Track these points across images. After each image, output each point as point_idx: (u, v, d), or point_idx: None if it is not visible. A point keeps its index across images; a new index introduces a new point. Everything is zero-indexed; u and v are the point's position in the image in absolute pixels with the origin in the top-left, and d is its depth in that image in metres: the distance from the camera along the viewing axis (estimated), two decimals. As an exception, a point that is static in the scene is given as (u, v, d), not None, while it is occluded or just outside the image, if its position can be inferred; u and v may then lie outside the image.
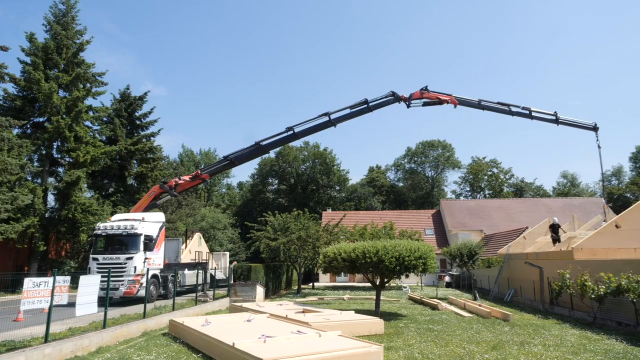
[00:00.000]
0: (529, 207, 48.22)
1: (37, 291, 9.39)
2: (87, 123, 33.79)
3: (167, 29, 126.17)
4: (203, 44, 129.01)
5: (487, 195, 67.73)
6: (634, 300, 12.50)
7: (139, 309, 15.47)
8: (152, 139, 39.05)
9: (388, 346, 10.72)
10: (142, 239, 19.34)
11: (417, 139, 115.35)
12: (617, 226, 18.26)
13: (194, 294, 20.31)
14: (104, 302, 11.94)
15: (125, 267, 18.60)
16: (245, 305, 17.22)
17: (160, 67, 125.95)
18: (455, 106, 26.93)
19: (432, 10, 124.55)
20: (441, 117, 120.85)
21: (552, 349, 10.55)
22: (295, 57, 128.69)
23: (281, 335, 9.90)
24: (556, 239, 22.03)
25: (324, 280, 43.67)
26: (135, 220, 20.20)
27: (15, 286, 21.83)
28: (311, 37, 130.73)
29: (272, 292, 28.88)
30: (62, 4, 32.73)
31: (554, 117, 26.64)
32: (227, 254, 34.57)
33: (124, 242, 19.27)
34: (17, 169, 24.52)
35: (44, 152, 30.74)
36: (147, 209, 24.89)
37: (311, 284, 38.05)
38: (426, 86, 26.87)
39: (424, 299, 22.05)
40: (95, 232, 19.94)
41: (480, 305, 18.25)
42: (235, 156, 26.25)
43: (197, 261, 26.95)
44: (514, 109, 26.78)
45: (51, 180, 32.03)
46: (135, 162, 37.80)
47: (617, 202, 56.37)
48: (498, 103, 26.97)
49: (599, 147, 25.35)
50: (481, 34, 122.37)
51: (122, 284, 18.32)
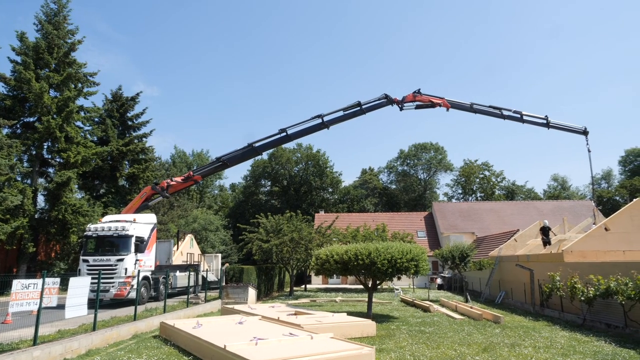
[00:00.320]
0: (520, 210, 48.62)
1: (25, 293, 9.29)
2: (79, 123, 33.55)
3: (160, 29, 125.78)
4: (196, 45, 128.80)
5: (479, 198, 68.14)
6: (623, 303, 12.63)
7: (129, 311, 15.35)
8: (144, 139, 38.85)
9: (380, 348, 10.74)
10: (133, 240, 19.21)
11: (410, 141, 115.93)
12: (606, 229, 18.46)
13: (186, 296, 20.21)
14: (94, 304, 11.83)
15: (116, 269, 18.46)
16: (237, 307, 17.16)
17: (153, 68, 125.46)
18: (448, 109, 27.08)
19: (424, 15, 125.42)
20: (434, 119, 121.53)
21: (542, 350, 10.64)
22: (290, 58, 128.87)
23: (273, 338, 9.87)
24: (547, 242, 22.23)
25: (317, 282, 43.66)
26: (126, 221, 20.07)
27: (3, 288, 21.61)
28: (306, 38, 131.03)
29: (264, 294, 28.80)
30: (54, 3, 32.50)
31: (544, 121, 26.88)
32: (219, 255, 34.41)
33: (115, 244, 19.14)
34: (7, 169, 24.27)
35: (34, 152, 30.43)
36: (139, 210, 24.74)
37: (303, 286, 38.01)
38: (419, 89, 26.99)
39: (415, 301, 22.13)
40: (85, 233, 19.78)
41: (471, 308, 18.34)
42: (228, 158, 26.18)
43: (188, 263, 26.81)
44: (505, 112, 26.97)
45: (41, 180, 31.73)
46: (126, 163, 37.57)
47: (607, 205, 57.01)
48: (490, 106, 27.15)
49: (589, 151, 25.59)
50: (472, 38, 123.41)
51: (113, 286, 18.18)
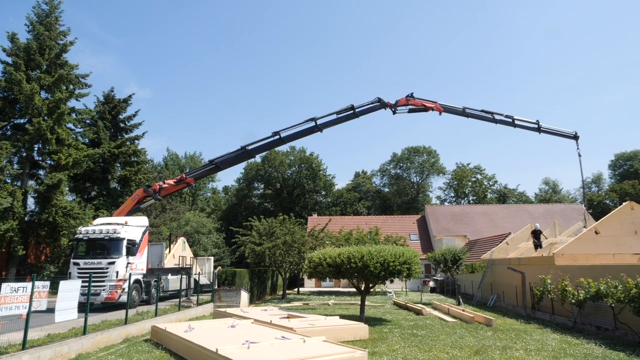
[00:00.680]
0: (512, 213, 48.97)
1: (15, 297, 9.19)
2: (70, 125, 33.26)
3: (153, 31, 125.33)
4: (190, 47, 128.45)
5: (471, 201, 68.55)
6: (612, 305, 12.75)
7: (120, 314, 15.21)
8: (136, 142, 38.60)
9: (372, 351, 10.75)
10: (124, 243, 19.06)
11: (403, 144, 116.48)
12: (596, 232, 18.66)
13: (177, 300, 20.07)
14: (85, 307, 11.72)
15: (107, 272, 18.29)
16: (229, 310, 17.09)
17: (146, 70, 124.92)
18: (441, 113, 27.22)
19: (416, 20, 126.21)
20: (426, 123, 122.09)
21: (533, 353, 10.71)
22: (284, 61, 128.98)
23: (265, 341, 9.84)
24: (538, 245, 22.39)
25: (309, 285, 43.57)
26: (118, 224, 19.89)
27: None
28: (301, 41, 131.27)
29: (256, 298, 28.70)
30: (46, 4, 32.25)
31: (536, 126, 27.12)
32: (212, 258, 34.24)
33: (106, 247, 18.97)
34: (-4, 171, 23.96)
35: (24, 154, 30.07)
36: (131, 213, 24.55)
37: (296, 289, 37.95)
38: (412, 93, 27.11)
39: (408, 304, 22.17)
40: (76, 236, 19.58)
41: (463, 310, 18.43)
42: (221, 160, 26.08)
43: (180, 266, 26.65)
44: (497, 117, 27.17)
45: (31, 183, 31.35)
46: (118, 165, 37.29)
47: (597, 208, 57.62)
48: (482, 111, 27.34)
49: (580, 155, 25.87)
50: (461, 43, 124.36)
51: (104, 289, 18.01)
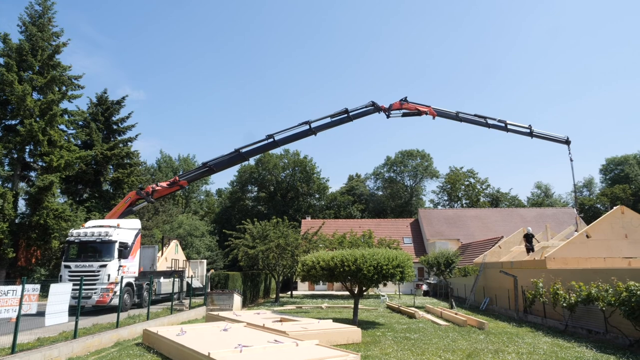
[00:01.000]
0: (504, 217, 49.25)
1: (4, 300, 9.09)
2: (62, 127, 33.06)
3: (146, 32, 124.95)
4: (183, 48, 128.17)
5: (464, 205, 68.86)
6: (603, 309, 12.84)
7: (112, 318, 15.09)
8: (129, 144, 38.48)
9: (365, 355, 10.75)
10: (116, 246, 18.94)
11: (397, 148, 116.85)
12: (587, 236, 18.81)
13: (170, 303, 19.94)
14: (76, 311, 11.61)
15: (98, 275, 18.17)
16: (222, 314, 17.00)
17: (139, 71, 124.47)
18: (434, 117, 27.35)
19: (408, 24, 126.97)
20: (420, 127, 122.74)
21: (525, 356, 10.76)
22: (277, 64, 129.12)
23: (258, 345, 9.81)
24: (530, 249, 22.52)
25: (303, 288, 43.49)
26: (109, 226, 19.77)
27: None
28: (293, 44, 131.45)
29: (249, 301, 28.57)
30: (39, 5, 32.12)
31: (528, 130, 27.32)
32: (205, 261, 34.10)
33: (98, 249, 18.85)
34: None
35: (15, 155, 29.81)
36: (123, 215, 24.41)
37: (289, 292, 37.85)
38: (406, 97, 27.22)
39: (401, 308, 22.19)
40: (67, 238, 19.44)
41: (456, 314, 18.47)
42: (215, 163, 26.02)
43: (173, 269, 26.52)
44: (490, 121, 27.35)
45: (22, 184, 31.09)
46: (111, 167, 37.12)
47: (588, 212, 58.15)
48: (475, 115, 27.50)
49: (571, 160, 26.06)
50: (455, 46, 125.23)
51: (95, 293, 17.88)
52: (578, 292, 14.07)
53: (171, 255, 28.08)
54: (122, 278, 17.93)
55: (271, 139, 25.87)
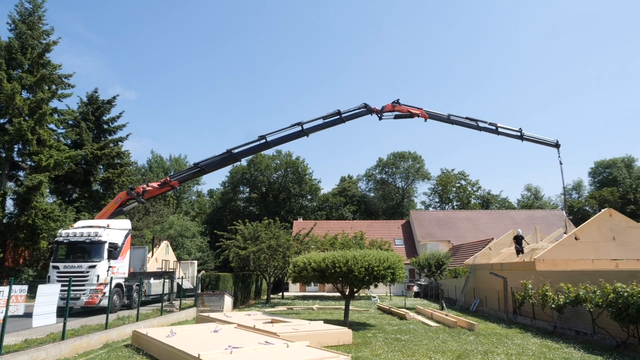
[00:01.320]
0: (495, 219, 49.64)
1: (-9, 301, 8.98)
2: (52, 126, 32.67)
3: (138, 32, 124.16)
4: (175, 48, 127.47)
5: (455, 207, 69.28)
6: (591, 310, 13.01)
7: (100, 319, 14.94)
8: (120, 143, 38.12)
9: (356, 356, 10.77)
10: (106, 246, 18.75)
11: (389, 149, 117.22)
12: (576, 238, 19.02)
13: (160, 304, 19.80)
14: (64, 312, 11.49)
15: (87, 276, 17.97)
16: (212, 315, 16.92)
17: (131, 71, 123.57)
18: (426, 120, 27.51)
19: (400, 26, 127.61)
20: (412, 129, 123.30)
21: (514, 357, 10.86)
22: (270, 65, 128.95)
23: (248, 346, 9.78)
24: (520, 250, 22.73)
25: (294, 289, 43.45)
26: (99, 227, 19.58)
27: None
28: (286, 45, 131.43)
29: (240, 302, 28.49)
30: (29, 3, 31.78)
31: (518, 134, 27.59)
32: (195, 262, 33.91)
33: (87, 250, 18.63)
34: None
35: (3, 154, 29.42)
36: (113, 215, 24.21)
37: (281, 293, 37.79)
38: (398, 99, 27.37)
39: (392, 309, 22.27)
40: (56, 239, 19.19)
41: (447, 315, 18.58)
42: (206, 164, 25.91)
43: (163, 270, 26.34)
44: (481, 124, 27.58)
45: (10, 184, 30.69)
46: (101, 167, 36.76)
47: (577, 214, 58.79)
48: (466, 118, 27.71)
49: (561, 163, 26.37)
50: (443, 49, 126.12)
51: (84, 294, 17.69)
52: (566, 294, 14.24)
53: (162, 256, 27.89)
54: (111, 279, 17.74)
55: (263, 140, 25.84)
